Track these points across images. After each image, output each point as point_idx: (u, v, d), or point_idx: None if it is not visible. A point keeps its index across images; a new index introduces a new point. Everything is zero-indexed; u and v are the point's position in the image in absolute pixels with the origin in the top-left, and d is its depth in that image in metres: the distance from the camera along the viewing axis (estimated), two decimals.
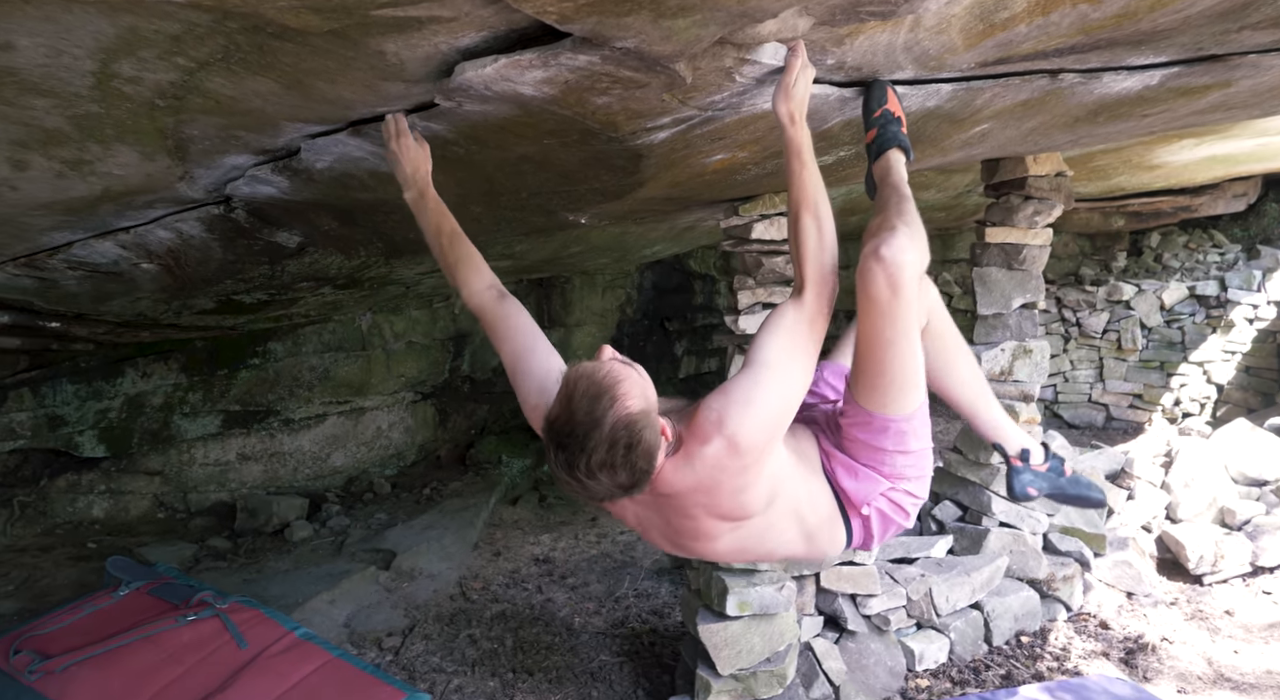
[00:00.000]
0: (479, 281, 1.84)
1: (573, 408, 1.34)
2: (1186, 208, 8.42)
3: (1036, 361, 4.08)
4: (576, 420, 1.33)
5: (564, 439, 1.34)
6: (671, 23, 1.26)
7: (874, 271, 1.59)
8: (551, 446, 1.36)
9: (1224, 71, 2.63)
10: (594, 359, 1.44)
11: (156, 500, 5.46)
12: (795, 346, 1.58)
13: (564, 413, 1.35)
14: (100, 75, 1.73)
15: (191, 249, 3.32)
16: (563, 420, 1.34)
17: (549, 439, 1.37)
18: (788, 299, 1.66)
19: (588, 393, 1.34)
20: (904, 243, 1.61)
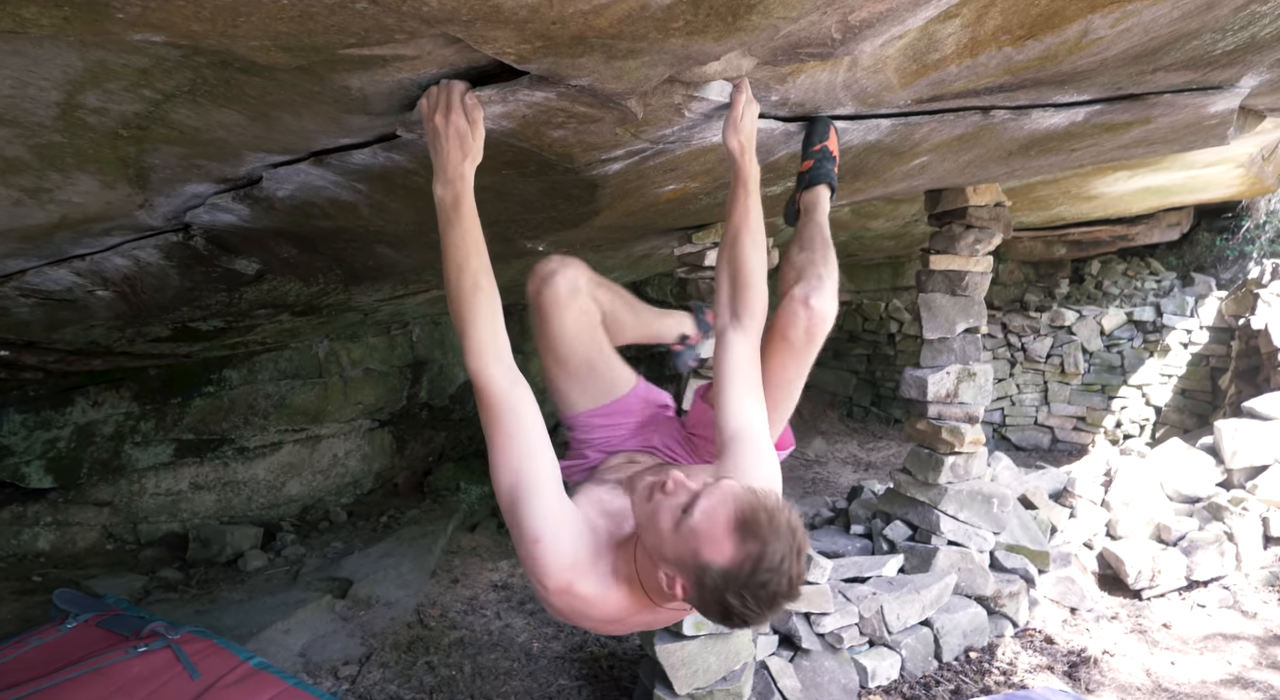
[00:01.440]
0: (494, 352, 1.42)
1: (767, 540, 1.15)
2: (1124, 237, 8.77)
3: (980, 384, 4.23)
4: (778, 550, 1.16)
5: (767, 576, 1.15)
6: (622, 63, 1.35)
7: (799, 316, 1.67)
8: (744, 592, 1.16)
9: (1143, 109, 2.81)
10: (671, 481, 1.27)
11: (105, 531, 5.35)
12: (757, 383, 1.61)
13: (759, 550, 1.15)
14: (65, 106, 1.74)
15: (148, 276, 3.32)
16: (761, 558, 1.15)
17: (740, 586, 1.15)
18: (730, 327, 1.66)
19: (771, 521, 1.17)
20: (831, 295, 1.70)
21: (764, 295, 1.68)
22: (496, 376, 1.40)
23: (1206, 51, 2.38)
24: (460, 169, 1.46)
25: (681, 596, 1.22)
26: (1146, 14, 1.98)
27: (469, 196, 1.46)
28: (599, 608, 1.31)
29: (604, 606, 1.31)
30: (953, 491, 4.17)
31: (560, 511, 1.30)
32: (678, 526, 1.20)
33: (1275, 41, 2.43)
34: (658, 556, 1.23)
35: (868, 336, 8.90)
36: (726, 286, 1.71)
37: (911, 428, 4.33)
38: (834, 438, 8.09)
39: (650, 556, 1.25)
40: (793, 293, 1.70)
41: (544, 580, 1.27)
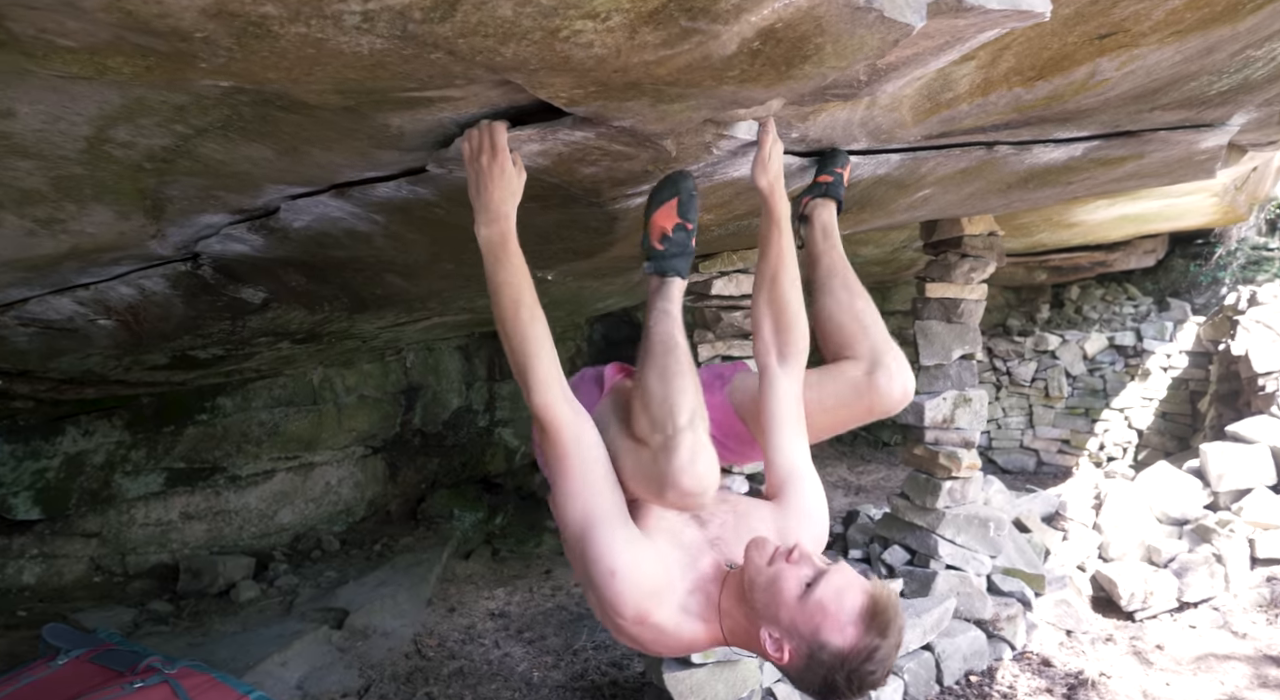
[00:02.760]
0: (560, 385, 1.42)
1: (886, 635, 1.22)
2: (1102, 262, 8.94)
3: (976, 409, 4.28)
4: (890, 646, 1.23)
5: (874, 666, 1.21)
6: (668, 106, 1.39)
7: (887, 391, 1.75)
8: (852, 676, 1.21)
9: (1138, 145, 2.90)
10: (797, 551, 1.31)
11: (93, 563, 5.26)
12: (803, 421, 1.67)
13: (877, 643, 1.21)
14: (94, 140, 1.74)
15: (153, 305, 3.30)
16: (876, 650, 1.21)
17: (850, 671, 1.20)
18: (776, 366, 1.70)
19: (894, 618, 1.24)
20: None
21: (806, 333, 1.73)
22: (564, 411, 1.40)
23: (1203, 92, 2.47)
24: (504, 208, 1.47)
25: (784, 660, 1.26)
26: (1151, 58, 2.06)
27: (514, 234, 1.48)
28: (673, 638, 1.34)
29: (678, 637, 1.34)
30: (950, 516, 4.21)
31: (634, 544, 1.32)
32: (804, 598, 1.24)
33: (1266, 83, 2.53)
34: (769, 618, 1.26)
35: None
36: (769, 326, 1.74)
37: (909, 453, 4.37)
38: (824, 461, 8.12)
39: (755, 613, 1.29)
40: (887, 361, 1.75)
41: (621, 610, 1.28)
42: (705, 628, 1.34)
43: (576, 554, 1.34)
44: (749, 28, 1.06)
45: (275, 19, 0.88)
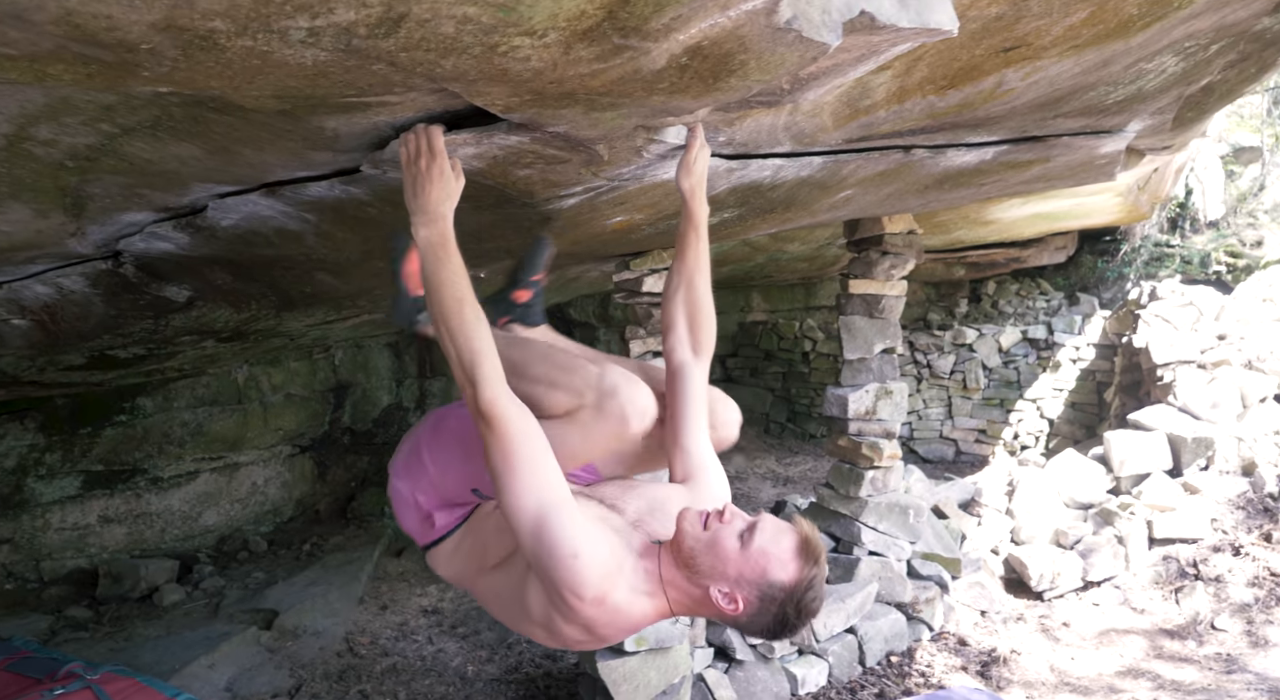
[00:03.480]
0: (503, 381, 1.44)
1: (819, 563, 1.36)
2: (1017, 259, 9.32)
3: (897, 401, 4.46)
4: (822, 573, 1.38)
5: (814, 593, 1.35)
6: (600, 114, 1.45)
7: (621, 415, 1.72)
8: (800, 606, 1.34)
9: (1044, 150, 3.07)
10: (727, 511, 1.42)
11: (4, 570, 5.06)
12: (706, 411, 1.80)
13: (814, 572, 1.35)
14: (14, 137, 1.71)
15: (71, 304, 3.21)
16: (814, 579, 1.35)
17: (797, 601, 1.34)
18: (691, 361, 1.81)
19: (820, 548, 1.38)
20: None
21: (714, 329, 1.85)
22: (510, 405, 1.41)
23: (1101, 101, 2.64)
24: (442, 209, 1.49)
25: (738, 610, 1.35)
26: (1053, 69, 2.20)
27: (452, 234, 1.50)
28: (625, 617, 1.39)
29: (629, 615, 1.39)
30: (872, 504, 4.37)
31: (589, 526, 1.37)
32: (745, 549, 1.34)
33: (1158, 93, 2.72)
34: (717, 576, 1.35)
35: (783, 355, 9.17)
36: (684, 323, 1.84)
37: (833, 444, 4.52)
38: (753, 454, 8.29)
39: (699, 576, 1.36)
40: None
41: (581, 592, 1.31)
42: (652, 603, 1.40)
43: (531, 547, 1.35)
44: (678, 45, 1.13)
45: (223, 33, 0.91)
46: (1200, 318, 6.27)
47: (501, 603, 1.59)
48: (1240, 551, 4.76)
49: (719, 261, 6.80)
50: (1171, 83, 2.65)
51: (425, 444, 1.79)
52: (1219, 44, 2.42)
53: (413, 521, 1.79)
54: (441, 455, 1.74)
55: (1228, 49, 2.50)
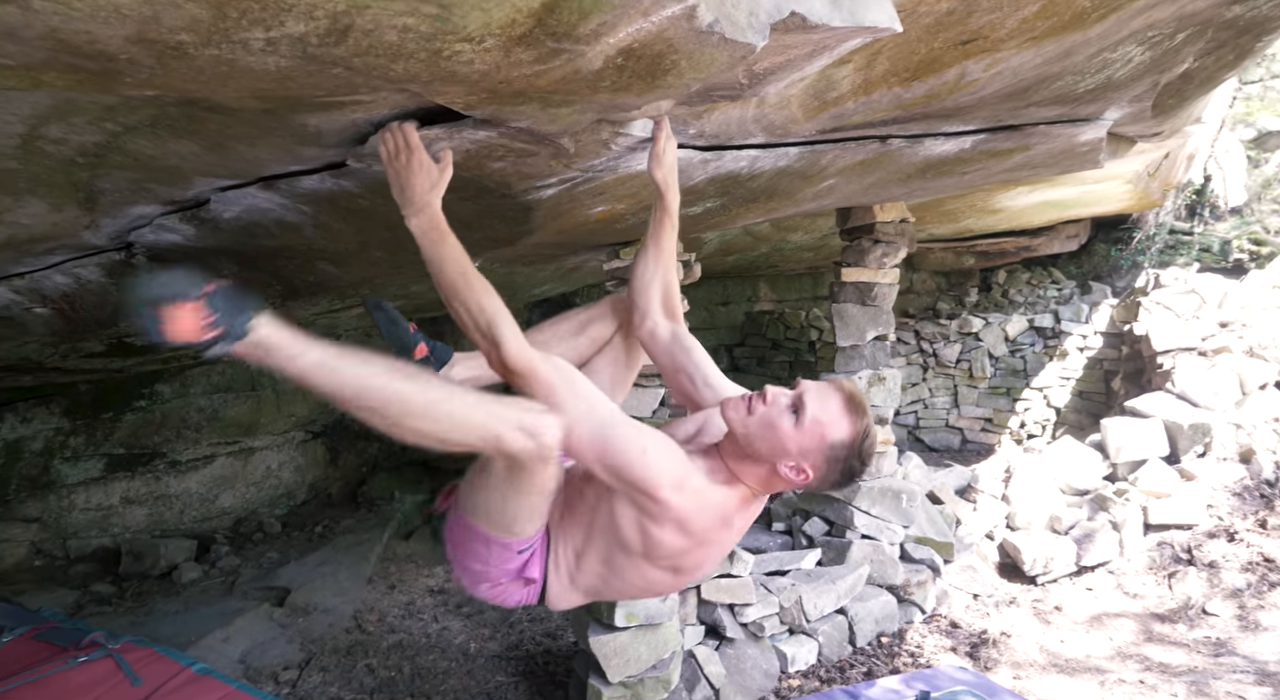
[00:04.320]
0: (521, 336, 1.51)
1: (866, 412, 1.49)
2: (1027, 247, 9.32)
3: (890, 388, 4.54)
4: (871, 418, 1.51)
5: (870, 438, 1.48)
6: (556, 110, 1.56)
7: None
8: (861, 454, 1.47)
9: (1022, 138, 3.14)
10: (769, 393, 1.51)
11: (34, 548, 5.28)
12: None
13: (865, 421, 1.47)
14: (27, 136, 1.83)
15: (88, 293, 3.37)
16: (868, 427, 1.48)
17: (858, 451, 1.47)
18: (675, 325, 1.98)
19: (862, 399, 1.50)
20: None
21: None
22: (536, 357, 1.48)
23: (1071, 90, 2.71)
24: (428, 198, 1.59)
25: (808, 479, 1.47)
26: (1014, 60, 2.28)
27: (442, 218, 1.59)
28: (711, 502, 1.50)
29: (714, 500, 1.51)
30: (865, 489, 4.47)
31: (645, 428, 1.48)
32: (799, 423, 1.44)
33: (1130, 82, 2.78)
34: (780, 454, 1.46)
35: (790, 344, 9.24)
36: (659, 296, 1.99)
37: None
38: None
39: (762, 458, 1.48)
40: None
41: (661, 480, 1.42)
42: (732, 490, 1.53)
43: (604, 465, 1.44)
44: (610, 48, 1.23)
45: (190, 44, 1.02)
46: (1203, 305, 6.28)
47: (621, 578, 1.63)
48: (1235, 537, 4.81)
49: (724, 251, 6.90)
50: (1142, 71, 2.71)
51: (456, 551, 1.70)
52: (1185, 33, 2.48)
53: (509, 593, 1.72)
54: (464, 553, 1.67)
55: (1195, 38, 2.56)
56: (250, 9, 0.95)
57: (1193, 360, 5.80)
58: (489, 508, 1.54)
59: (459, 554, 1.67)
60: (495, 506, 1.53)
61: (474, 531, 1.59)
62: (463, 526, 1.63)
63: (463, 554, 1.66)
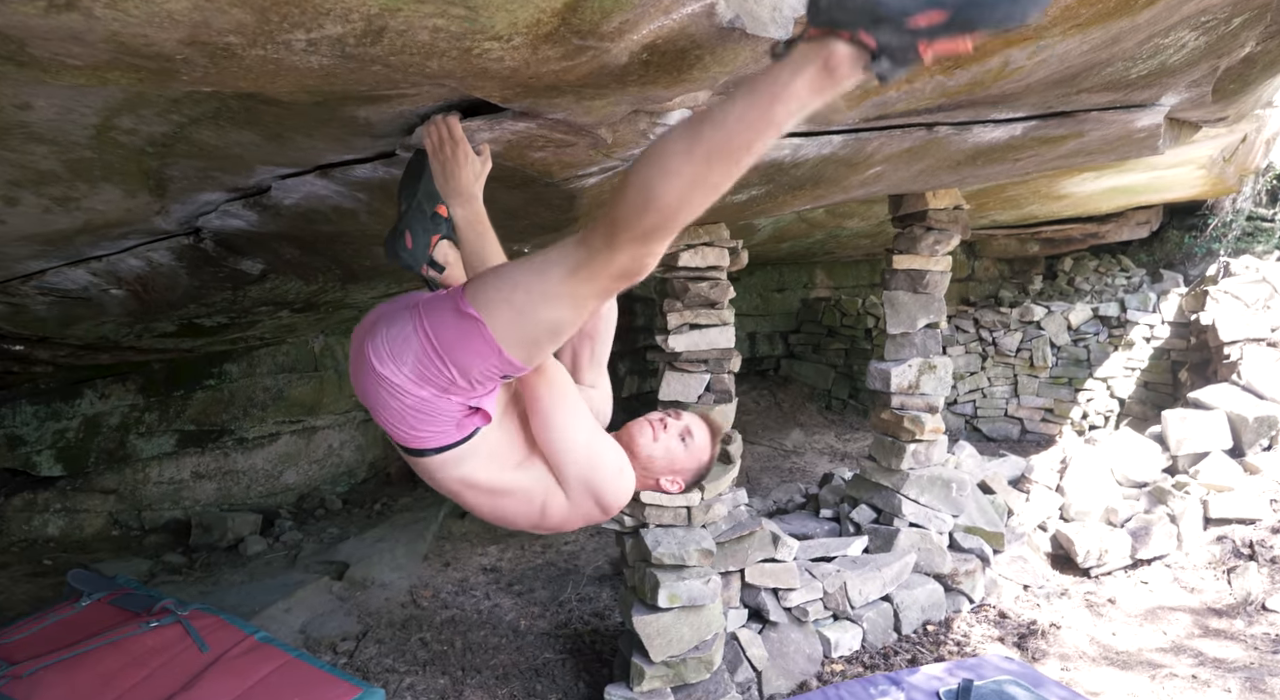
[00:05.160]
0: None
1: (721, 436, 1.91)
2: (1095, 234, 9.07)
3: (940, 376, 4.50)
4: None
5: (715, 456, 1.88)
6: (590, 102, 1.61)
7: None
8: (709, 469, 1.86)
9: (1074, 125, 3.09)
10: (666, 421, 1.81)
11: (111, 518, 5.58)
12: None
13: (719, 445, 1.89)
14: (101, 127, 1.96)
15: (160, 276, 3.55)
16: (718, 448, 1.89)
17: (711, 467, 1.86)
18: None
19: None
20: None
21: None
22: (549, 357, 1.55)
23: (1123, 76, 2.65)
24: (473, 189, 1.68)
25: (681, 489, 1.82)
26: (1059, 48, 2.25)
27: (483, 209, 1.71)
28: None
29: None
30: (914, 477, 4.45)
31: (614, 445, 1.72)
32: (688, 449, 1.79)
33: (1185, 67, 2.71)
34: (667, 470, 1.79)
35: (846, 331, 9.17)
36: None
37: (876, 417, 4.60)
38: (812, 429, 8.36)
39: (652, 472, 1.78)
40: None
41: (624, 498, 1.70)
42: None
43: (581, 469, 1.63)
44: (635, 43, 1.28)
45: (238, 45, 1.10)
46: (1274, 295, 6.06)
47: (505, 504, 1.68)
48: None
49: (777, 238, 6.88)
50: (1198, 56, 2.64)
51: (427, 330, 1.44)
52: (1242, 17, 2.41)
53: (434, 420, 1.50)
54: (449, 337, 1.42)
55: (1254, 22, 2.48)
56: (290, 13, 1.02)
57: (1261, 351, 5.61)
58: (514, 308, 1.37)
59: (434, 341, 1.43)
60: (523, 309, 1.36)
61: (473, 325, 1.39)
62: (462, 316, 1.40)
63: (437, 344, 1.43)
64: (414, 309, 1.49)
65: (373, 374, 1.48)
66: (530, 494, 1.67)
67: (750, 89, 1.09)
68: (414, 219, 1.84)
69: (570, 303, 1.34)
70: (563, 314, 1.36)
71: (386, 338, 1.48)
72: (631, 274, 1.28)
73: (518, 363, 1.43)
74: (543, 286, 1.33)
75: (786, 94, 1.06)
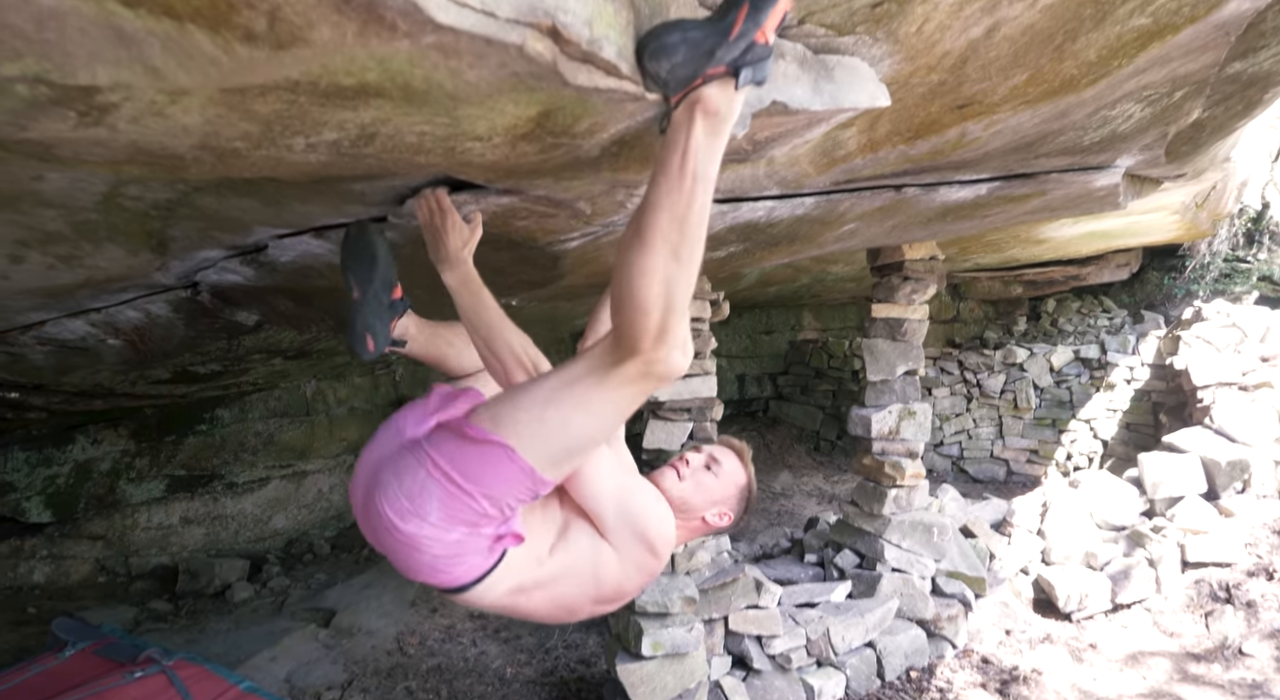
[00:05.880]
0: None
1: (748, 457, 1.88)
2: (1076, 276, 9.25)
3: (920, 422, 4.60)
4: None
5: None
6: (569, 182, 1.72)
7: None
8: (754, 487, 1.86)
9: (1036, 185, 3.23)
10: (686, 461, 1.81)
11: (98, 564, 5.60)
12: None
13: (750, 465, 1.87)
14: (108, 195, 2.06)
15: (157, 326, 3.63)
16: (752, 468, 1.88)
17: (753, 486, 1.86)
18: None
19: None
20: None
21: None
22: None
23: (1076, 142, 2.80)
24: (462, 254, 1.74)
25: (730, 519, 1.80)
26: (1012, 121, 2.39)
27: (475, 273, 1.75)
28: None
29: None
30: (896, 522, 4.52)
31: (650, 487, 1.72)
32: (719, 479, 1.77)
33: (1136, 133, 2.86)
34: (707, 504, 1.76)
35: (833, 373, 9.28)
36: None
37: (858, 462, 4.69)
38: (800, 471, 8.43)
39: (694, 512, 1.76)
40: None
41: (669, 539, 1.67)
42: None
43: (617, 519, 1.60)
44: (605, 140, 1.40)
45: (244, 148, 1.21)
46: (1244, 339, 6.20)
47: (561, 590, 1.61)
48: (1274, 576, 4.74)
49: (764, 282, 7.02)
50: (1147, 124, 2.79)
51: (445, 469, 1.42)
52: (1182, 91, 2.56)
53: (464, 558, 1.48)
54: (474, 469, 1.41)
55: (1195, 94, 2.63)
56: (292, 124, 1.14)
57: (1232, 395, 5.73)
58: (547, 425, 1.35)
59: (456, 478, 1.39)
60: (556, 425, 1.35)
61: (500, 451, 1.36)
62: (485, 445, 1.37)
63: (460, 481, 1.39)
64: (417, 449, 1.45)
65: (395, 534, 1.42)
66: (579, 567, 1.61)
67: (662, 165, 1.21)
68: (372, 314, 1.85)
69: (610, 409, 1.35)
70: (600, 423, 1.37)
71: (400, 491, 1.41)
72: (664, 374, 1.29)
73: (550, 480, 1.42)
74: (576, 398, 1.33)
75: (691, 148, 1.19)
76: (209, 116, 1.08)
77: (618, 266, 1.25)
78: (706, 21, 1.17)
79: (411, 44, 0.95)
